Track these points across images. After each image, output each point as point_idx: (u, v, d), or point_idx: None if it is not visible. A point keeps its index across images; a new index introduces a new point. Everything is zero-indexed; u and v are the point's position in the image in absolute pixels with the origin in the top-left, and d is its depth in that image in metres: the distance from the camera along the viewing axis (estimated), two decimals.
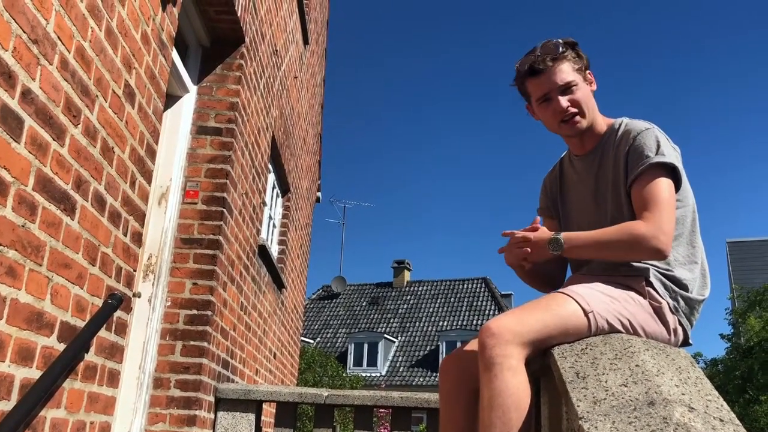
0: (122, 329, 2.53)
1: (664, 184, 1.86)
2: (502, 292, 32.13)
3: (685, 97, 79.95)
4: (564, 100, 1.99)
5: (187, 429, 3.37)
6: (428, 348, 29.37)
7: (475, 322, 29.42)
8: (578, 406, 1.39)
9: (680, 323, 1.89)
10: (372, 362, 29.12)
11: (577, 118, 2.00)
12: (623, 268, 1.92)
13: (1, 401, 1.70)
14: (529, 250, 1.95)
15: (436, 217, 71.02)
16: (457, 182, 70.42)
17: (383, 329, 30.94)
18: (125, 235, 2.49)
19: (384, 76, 72.11)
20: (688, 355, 1.65)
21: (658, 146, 1.88)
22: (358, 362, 28.99)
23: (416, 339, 30.31)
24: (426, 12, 79.84)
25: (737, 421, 1.32)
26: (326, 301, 34.10)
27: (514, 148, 70.34)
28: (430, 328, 30.51)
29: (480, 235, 71.73)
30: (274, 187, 6.22)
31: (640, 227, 1.81)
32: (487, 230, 69.80)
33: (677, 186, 1.90)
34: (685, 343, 1.95)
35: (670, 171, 1.87)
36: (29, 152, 1.78)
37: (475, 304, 30.98)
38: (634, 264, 1.91)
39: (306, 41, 6.90)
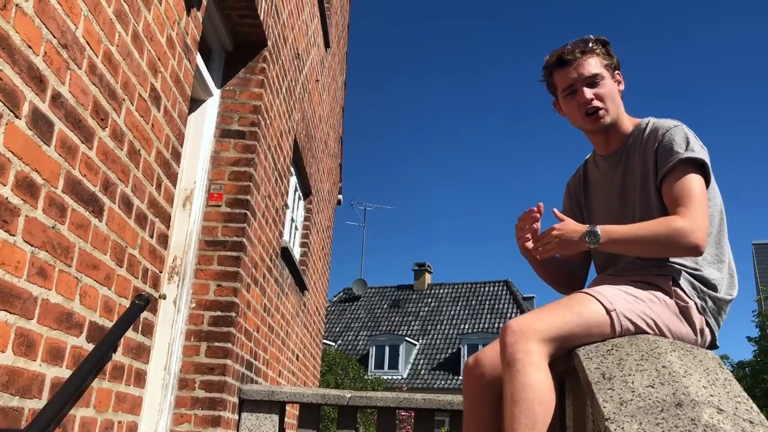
0: (149, 330, 2.56)
1: (695, 180, 1.85)
2: (524, 295, 31.90)
3: (709, 96, 78.96)
4: (589, 92, 1.99)
5: (211, 429, 3.39)
6: (449, 351, 29.27)
7: (496, 325, 29.25)
8: (604, 407, 1.38)
9: (707, 324, 1.87)
10: (393, 365, 29.09)
11: (601, 112, 2.00)
12: (651, 268, 1.90)
13: (33, 399, 1.73)
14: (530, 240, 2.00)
15: (456, 220, 70.93)
16: (478, 185, 70.23)
17: (404, 332, 30.90)
18: (151, 236, 2.53)
19: (406, 80, 72.17)
20: (715, 356, 1.63)
21: (688, 142, 1.88)
22: (379, 365, 28.97)
23: (437, 342, 30.22)
24: (454, 16, 79.83)
25: None
26: (347, 304, 34.15)
27: (538, 151, 69.98)
28: (451, 331, 30.40)
29: (501, 237, 71.53)
30: (296, 190, 6.26)
31: (680, 222, 1.79)
32: (509, 232, 69.34)
33: (707, 183, 1.89)
34: (713, 345, 1.92)
35: (699, 167, 1.87)
36: (59, 155, 1.81)
37: (496, 306, 30.81)
38: (662, 263, 1.89)
39: (327, 44, 6.94)
